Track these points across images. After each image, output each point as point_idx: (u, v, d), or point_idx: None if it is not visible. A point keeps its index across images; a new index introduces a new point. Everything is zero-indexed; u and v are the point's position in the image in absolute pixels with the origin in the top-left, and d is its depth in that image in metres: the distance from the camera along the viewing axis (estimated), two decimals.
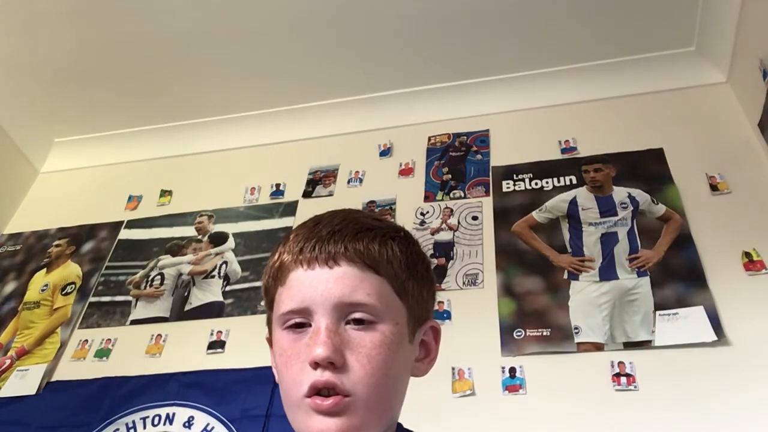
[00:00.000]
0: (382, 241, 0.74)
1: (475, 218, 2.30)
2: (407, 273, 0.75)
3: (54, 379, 2.23)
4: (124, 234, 2.67)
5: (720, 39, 2.36)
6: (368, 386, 0.68)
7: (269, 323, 0.78)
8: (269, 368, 0.79)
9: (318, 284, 0.71)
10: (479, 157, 2.50)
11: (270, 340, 0.78)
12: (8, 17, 2.55)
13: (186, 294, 2.38)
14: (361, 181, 2.55)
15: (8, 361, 2.33)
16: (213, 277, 2.40)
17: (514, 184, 2.36)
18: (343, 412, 0.67)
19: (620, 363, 1.79)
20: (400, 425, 0.76)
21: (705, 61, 2.46)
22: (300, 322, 0.71)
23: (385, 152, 2.62)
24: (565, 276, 2.05)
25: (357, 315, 0.70)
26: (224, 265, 2.43)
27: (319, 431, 0.67)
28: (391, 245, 0.75)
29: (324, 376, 0.67)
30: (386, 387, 0.70)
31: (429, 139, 2.62)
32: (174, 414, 2.03)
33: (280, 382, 0.73)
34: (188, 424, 1.99)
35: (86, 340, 2.31)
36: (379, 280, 0.72)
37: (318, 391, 0.67)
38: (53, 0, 2.47)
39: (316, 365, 0.67)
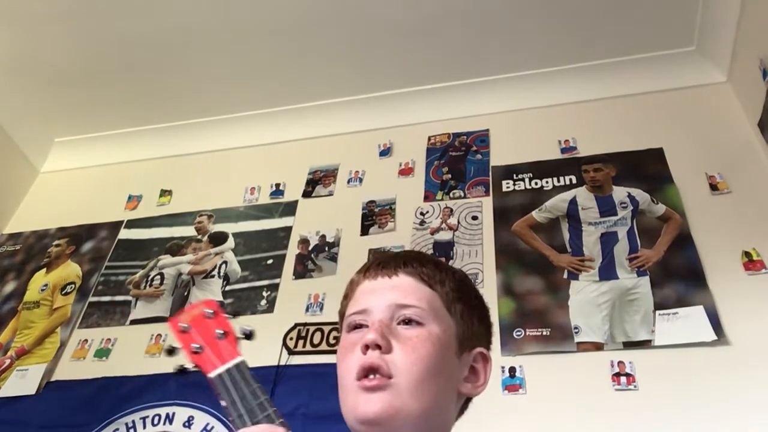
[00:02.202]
0: (438, 266, 0.86)
1: (474, 218, 2.30)
2: (457, 295, 0.84)
3: (54, 378, 2.23)
4: (124, 234, 2.67)
5: (720, 39, 2.36)
6: (410, 373, 0.74)
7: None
8: (269, 368, 0.83)
9: (377, 290, 0.82)
10: (479, 156, 2.50)
11: None
12: (8, 17, 2.55)
13: (186, 294, 2.38)
14: (361, 180, 2.55)
15: (8, 361, 2.33)
16: (213, 276, 2.41)
17: (514, 184, 2.36)
18: (386, 390, 0.73)
19: (620, 363, 1.79)
20: None
21: (705, 60, 2.46)
22: (360, 322, 0.80)
23: (385, 152, 2.62)
24: (565, 276, 2.05)
25: (407, 316, 0.78)
26: (224, 265, 2.43)
27: (362, 409, 0.73)
28: (446, 272, 0.86)
29: (371, 357, 0.74)
30: (428, 379, 0.75)
31: (429, 138, 2.62)
32: (174, 414, 2.03)
33: (339, 374, 0.79)
34: (188, 423, 2.00)
35: (86, 340, 2.31)
36: (431, 293, 0.82)
37: (366, 374, 0.74)
38: (53, 0, 2.47)
39: (366, 348, 0.75)
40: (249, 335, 0.86)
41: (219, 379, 0.79)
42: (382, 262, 0.85)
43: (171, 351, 0.86)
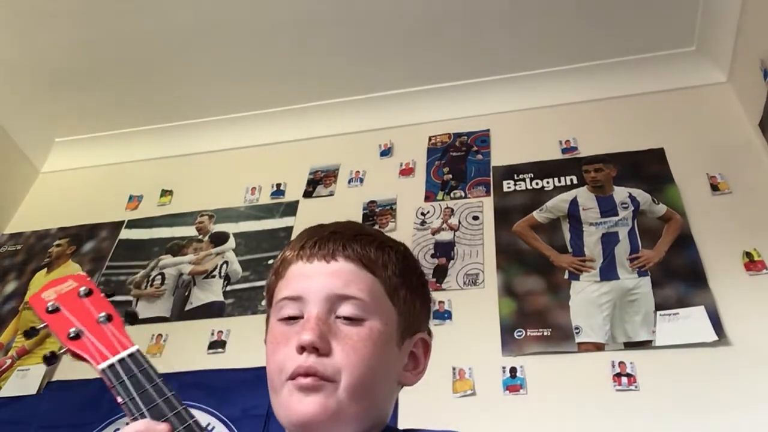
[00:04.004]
0: (380, 247, 0.78)
1: (475, 218, 2.30)
2: (401, 280, 0.78)
3: (54, 378, 2.23)
4: (125, 234, 2.67)
5: (720, 39, 2.36)
6: (351, 376, 0.69)
7: (267, 322, 0.80)
8: None
9: (314, 276, 0.75)
10: (480, 156, 2.50)
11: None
12: (9, 17, 2.55)
13: (186, 294, 2.38)
14: (361, 181, 2.55)
15: (9, 361, 2.33)
16: (213, 276, 2.40)
17: (515, 184, 2.36)
18: (322, 392, 0.69)
19: (621, 363, 1.79)
20: (390, 427, 0.77)
21: (705, 61, 2.46)
22: (293, 315, 0.73)
23: (386, 152, 2.62)
24: (566, 276, 2.05)
25: (347, 309, 0.72)
26: (225, 265, 2.43)
27: (296, 410, 0.68)
28: (389, 252, 0.79)
29: (308, 361, 0.69)
30: (369, 380, 0.71)
31: (429, 139, 2.62)
32: None
33: (268, 369, 0.74)
34: None
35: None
36: (373, 280, 0.76)
37: (299, 375, 0.69)
38: (53, 0, 2.47)
39: (302, 350, 0.70)
40: (133, 317, 0.76)
41: (111, 372, 0.68)
42: (318, 242, 0.77)
43: (51, 358, 0.71)
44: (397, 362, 0.77)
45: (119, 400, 0.65)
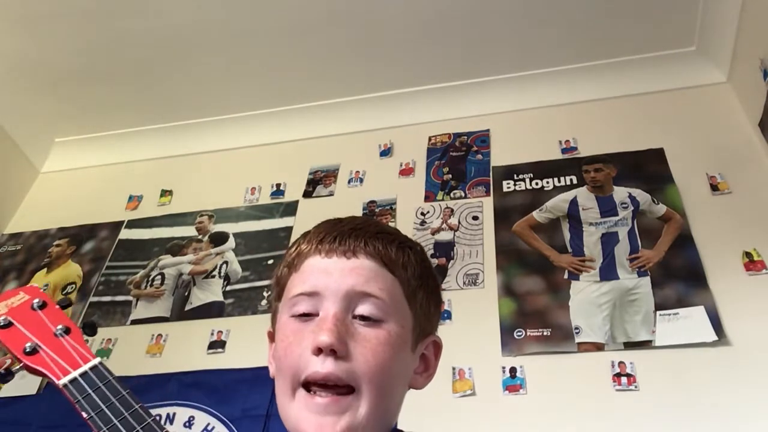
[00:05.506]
0: (400, 247, 0.76)
1: (475, 218, 2.30)
2: (419, 282, 0.76)
3: None
4: (125, 234, 2.67)
5: (720, 39, 2.36)
6: (369, 383, 0.67)
7: (274, 315, 0.78)
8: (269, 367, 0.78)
9: (333, 271, 0.71)
10: (480, 157, 2.50)
11: (272, 335, 0.77)
12: (9, 17, 2.55)
13: (186, 294, 2.38)
14: (361, 181, 2.55)
15: (9, 361, 2.32)
16: (213, 276, 2.41)
17: (515, 184, 2.36)
18: (341, 412, 0.66)
19: (621, 363, 1.80)
20: (396, 429, 0.76)
21: (705, 61, 2.46)
22: (308, 311, 0.70)
23: (386, 152, 2.62)
24: (566, 276, 2.05)
25: (365, 309, 0.70)
26: (224, 265, 2.43)
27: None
28: (408, 253, 0.76)
29: (325, 366, 0.66)
30: (387, 387, 0.70)
31: (429, 139, 2.62)
32: (174, 414, 2.03)
33: (279, 369, 0.71)
34: (189, 424, 2.00)
35: (86, 340, 2.30)
36: (393, 280, 0.73)
37: (316, 383, 0.66)
38: (54, 0, 2.47)
39: (318, 351, 0.66)
40: (92, 327, 0.69)
41: (75, 387, 0.65)
42: (338, 237, 0.73)
43: (5, 375, 0.68)
44: (410, 366, 0.75)
45: (84, 415, 0.62)
